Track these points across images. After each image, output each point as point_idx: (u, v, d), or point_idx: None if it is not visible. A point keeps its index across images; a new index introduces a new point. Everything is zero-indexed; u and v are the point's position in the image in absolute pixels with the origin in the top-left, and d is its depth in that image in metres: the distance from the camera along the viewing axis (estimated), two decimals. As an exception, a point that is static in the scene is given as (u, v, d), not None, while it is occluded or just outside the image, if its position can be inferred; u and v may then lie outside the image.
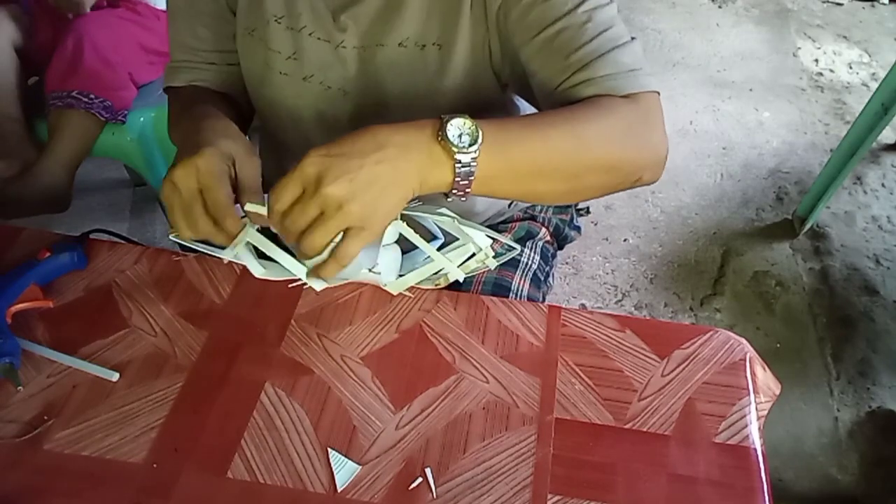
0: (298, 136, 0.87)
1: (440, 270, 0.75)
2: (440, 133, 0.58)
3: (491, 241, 0.75)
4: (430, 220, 0.74)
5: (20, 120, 1.53)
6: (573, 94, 0.70)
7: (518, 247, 0.79)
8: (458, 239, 0.75)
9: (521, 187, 0.66)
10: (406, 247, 0.78)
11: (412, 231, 0.69)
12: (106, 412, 0.67)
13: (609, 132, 0.66)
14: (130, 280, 0.78)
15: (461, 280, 0.74)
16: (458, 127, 0.58)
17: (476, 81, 0.78)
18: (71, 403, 0.67)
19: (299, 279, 0.69)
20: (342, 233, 0.58)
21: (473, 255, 0.74)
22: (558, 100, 0.71)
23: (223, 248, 0.71)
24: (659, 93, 0.70)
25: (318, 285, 0.67)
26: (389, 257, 0.75)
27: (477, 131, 0.59)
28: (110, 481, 0.62)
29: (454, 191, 0.61)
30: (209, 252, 0.73)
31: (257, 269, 0.71)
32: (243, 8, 0.81)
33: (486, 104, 0.81)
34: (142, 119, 1.55)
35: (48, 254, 0.76)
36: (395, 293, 0.75)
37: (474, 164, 0.59)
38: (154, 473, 0.62)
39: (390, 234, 0.74)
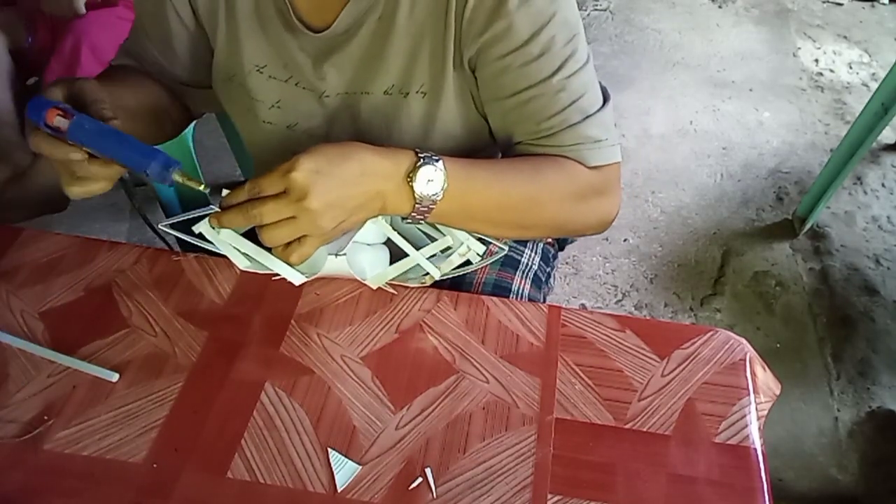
0: None
1: (418, 267, 0.76)
2: (410, 176, 0.63)
3: (478, 242, 0.76)
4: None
5: (14, 124, 1.52)
6: (535, 152, 0.73)
7: (505, 248, 0.79)
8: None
9: (471, 227, 0.73)
10: (399, 253, 0.79)
11: (390, 227, 0.73)
12: (106, 412, 0.67)
13: (564, 198, 0.72)
14: (130, 280, 0.78)
15: (437, 277, 0.76)
16: (428, 174, 0.64)
17: (468, 127, 0.77)
18: (71, 403, 0.67)
19: (279, 272, 0.72)
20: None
21: (449, 249, 0.75)
22: (518, 151, 0.75)
23: (211, 243, 0.73)
24: (620, 161, 0.75)
25: (296, 280, 0.71)
26: (376, 256, 0.76)
27: (444, 181, 0.64)
28: (110, 481, 0.62)
29: (408, 220, 0.67)
30: (194, 242, 0.74)
31: (242, 262, 0.73)
32: (222, 54, 0.80)
33: (478, 150, 0.80)
34: (142, 119, 1.55)
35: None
36: (374, 287, 0.76)
37: (433, 206, 0.65)
38: (154, 473, 0.62)
39: (376, 235, 0.75)
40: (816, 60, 2.54)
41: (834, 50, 2.59)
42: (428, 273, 0.76)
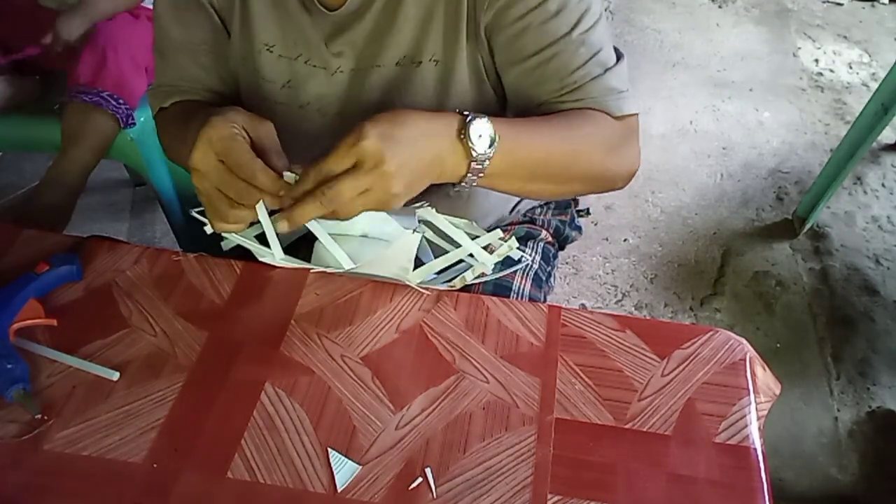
0: (302, 156, 0.87)
1: (460, 265, 0.77)
2: (463, 132, 0.63)
3: (511, 240, 0.77)
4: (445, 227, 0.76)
5: None
6: (560, 108, 0.74)
7: (528, 256, 0.80)
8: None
9: (517, 186, 0.73)
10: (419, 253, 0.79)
11: (440, 217, 0.74)
12: (106, 412, 0.67)
13: (598, 149, 0.73)
14: (130, 280, 0.78)
15: (490, 268, 0.76)
16: (479, 128, 0.63)
17: (480, 100, 0.78)
18: (71, 403, 0.67)
19: (317, 267, 0.74)
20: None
21: (489, 247, 0.76)
22: (542, 111, 0.75)
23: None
24: (638, 113, 0.76)
25: (346, 264, 0.72)
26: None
27: (495, 134, 0.64)
28: (110, 481, 0.62)
29: (462, 183, 0.66)
30: (240, 240, 0.74)
31: (279, 254, 0.74)
32: (235, 35, 0.79)
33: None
34: (142, 119, 1.55)
35: (47, 267, 0.75)
36: (415, 283, 0.76)
37: (487, 162, 0.65)
38: (154, 473, 0.62)
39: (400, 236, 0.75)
40: (816, 60, 2.54)
41: (834, 50, 2.59)
42: (455, 277, 0.77)
